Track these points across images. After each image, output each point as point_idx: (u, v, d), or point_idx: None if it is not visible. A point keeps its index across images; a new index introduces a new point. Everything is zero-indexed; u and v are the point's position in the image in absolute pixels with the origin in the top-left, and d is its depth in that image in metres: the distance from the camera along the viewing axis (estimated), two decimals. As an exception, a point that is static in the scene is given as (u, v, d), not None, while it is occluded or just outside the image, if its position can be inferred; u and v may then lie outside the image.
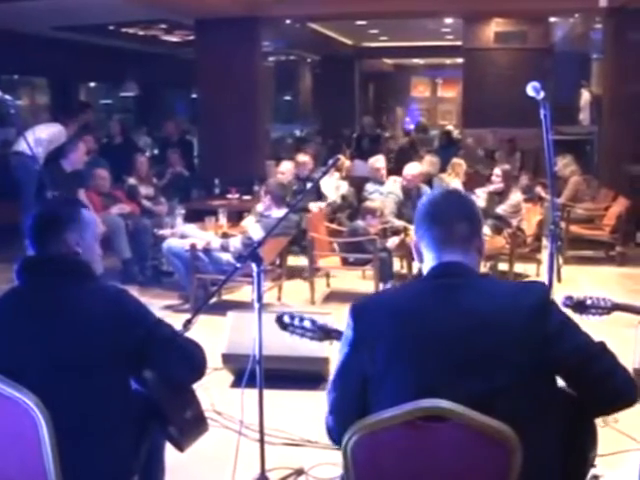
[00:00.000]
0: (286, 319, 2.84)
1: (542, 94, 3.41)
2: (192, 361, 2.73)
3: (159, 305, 6.87)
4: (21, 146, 8.34)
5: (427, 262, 2.22)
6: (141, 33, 14.14)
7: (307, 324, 2.82)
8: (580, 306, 3.02)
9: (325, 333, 2.81)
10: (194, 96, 13.98)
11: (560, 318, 2.10)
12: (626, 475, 3.58)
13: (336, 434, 2.15)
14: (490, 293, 2.10)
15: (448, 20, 14.21)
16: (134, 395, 2.65)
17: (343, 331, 2.26)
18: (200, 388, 3.86)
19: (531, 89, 3.42)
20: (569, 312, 3.03)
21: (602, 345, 2.14)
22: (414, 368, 2.01)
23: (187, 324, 3.15)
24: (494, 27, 12.88)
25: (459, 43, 13.73)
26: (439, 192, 2.41)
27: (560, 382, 2.18)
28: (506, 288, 2.19)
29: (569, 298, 3.04)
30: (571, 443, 2.20)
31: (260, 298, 3.23)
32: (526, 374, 2.00)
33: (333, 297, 7.51)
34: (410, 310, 2.09)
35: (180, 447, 2.87)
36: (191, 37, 12.62)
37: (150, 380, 2.69)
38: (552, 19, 13.15)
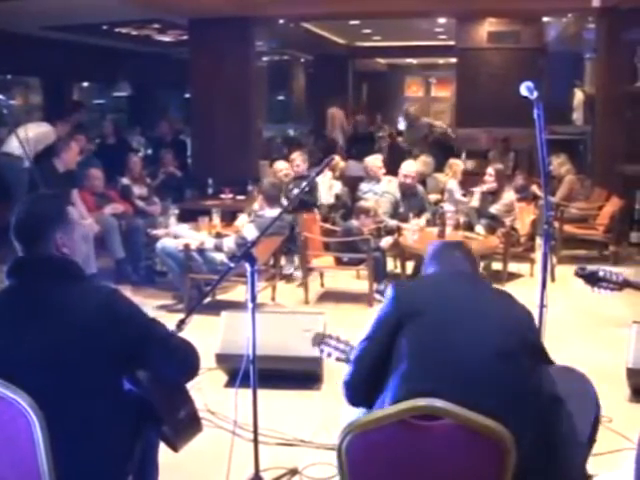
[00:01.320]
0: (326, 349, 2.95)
1: (536, 94, 3.41)
2: (185, 360, 2.73)
3: (153, 305, 6.87)
4: (10, 147, 8.35)
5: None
6: (134, 33, 14.10)
7: (341, 346, 2.89)
8: (592, 277, 2.99)
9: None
10: (187, 96, 13.94)
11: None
12: (620, 475, 3.59)
13: (354, 404, 2.37)
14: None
15: (441, 20, 14.21)
16: (128, 395, 2.64)
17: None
18: (194, 388, 3.85)
19: (525, 89, 3.42)
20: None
21: None
22: (433, 369, 2.14)
23: (180, 324, 3.14)
24: (487, 27, 12.88)
25: (452, 43, 13.71)
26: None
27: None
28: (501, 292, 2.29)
29: (582, 268, 3.01)
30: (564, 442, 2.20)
31: (254, 298, 3.23)
32: (525, 377, 2.02)
33: (327, 297, 7.50)
34: (444, 310, 2.29)
35: (174, 447, 2.87)
36: (184, 37, 12.59)
37: (143, 380, 2.69)
38: (545, 19, 13.15)
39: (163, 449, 2.96)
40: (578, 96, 14.52)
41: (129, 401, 2.62)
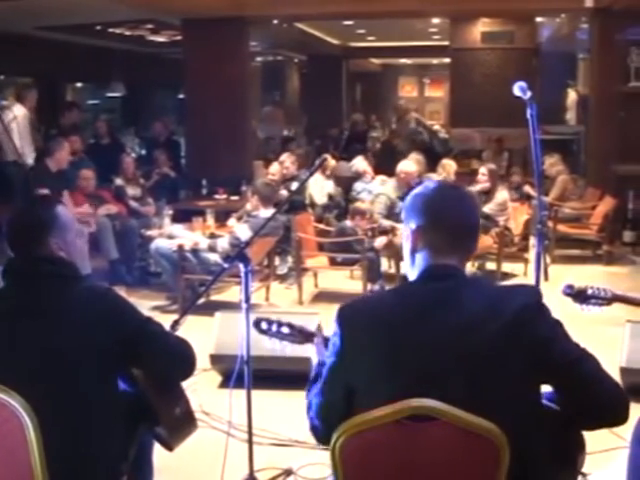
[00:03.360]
0: (263, 325, 2.82)
1: (529, 94, 3.42)
2: (182, 358, 2.73)
3: (147, 306, 6.85)
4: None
5: (419, 258, 2.16)
6: (128, 33, 14.10)
7: (285, 330, 2.79)
8: (581, 295, 3.00)
9: (305, 336, 2.79)
10: (181, 96, 13.93)
11: (550, 322, 2.07)
12: (614, 473, 3.60)
13: (323, 436, 2.14)
14: (480, 297, 2.07)
15: (435, 20, 14.24)
16: (122, 395, 2.64)
17: (322, 334, 2.23)
18: (188, 389, 3.85)
19: (518, 89, 3.43)
20: (569, 301, 3.05)
21: (585, 350, 2.10)
22: (403, 375, 1.99)
23: (175, 325, 3.14)
24: (481, 27, 12.91)
25: (446, 43, 13.75)
26: (449, 187, 2.33)
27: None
28: (497, 291, 2.15)
29: (570, 287, 3.02)
30: (559, 448, 2.19)
31: (248, 299, 3.23)
32: (516, 376, 1.99)
33: (321, 297, 7.51)
34: (399, 316, 2.04)
35: (169, 446, 2.86)
36: (178, 37, 12.60)
37: (139, 378, 2.69)
38: (538, 19, 13.18)
39: (158, 450, 2.96)
40: (571, 96, 14.57)
41: (124, 401, 2.62)
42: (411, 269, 2.20)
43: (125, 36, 14.27)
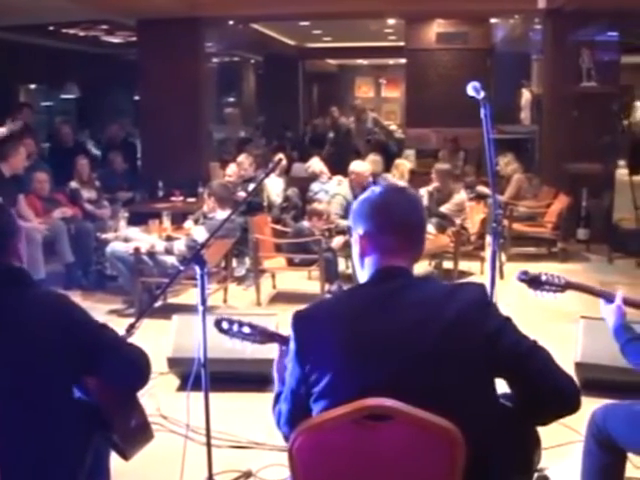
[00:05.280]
0: (224, 325, 2.81)
1: (482, 94, 3.45)
2: (137, 367, 2.69)
3: (103, 310, 6.79)
4: None
5: (368, 262, 2.20)
6: (82, 34, 13.94)
7: (246, 330, 2.78)
8: (535, 282, 3.03)
9: (266, 337, 2.78)
10: (137, 98, 13.81)
11: (498, 317, 2.11)
12: (569, 467, 3.65)
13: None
14: (428, 295, 2.10)
15: (391, 21, 14.29)
16: (78, 402, 2.61)
17: (283, 334, 2.24)
18: (146, 393, 3.81)
19: (471, 89, 3.46)
20: (524, 287, 3.08)
21: (536, 342, 2.14)
22: (358, 376, 2.00)
23: (130, 329, 3.11)
24: (436, 28, 13.00)
25: (402, 44, 13.82)
26: (394, 190, 2.34)
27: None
28: (444, 289, 2.18)
29: (524, 273, 3.05)
30: (515, 445, 2.22)
31: (204, 301, 3.21)
32: (468, 373, 2.01)
33: (279, 298, 7.50)
34: (351, 318, 2.07)
35: (125, 456, 2.83)
36: (133, 38, 12.48)
37: (93, 388, 2.65)
38: (493, 20, 13.31)
39: (115, 455, 2.93)
40: (525, 96, 14.72)
41: (79, 408, 2.58)
42: (361, 272, 2.25)
43: (79, 37, 14.11)
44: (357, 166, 8.41)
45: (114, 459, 2.95)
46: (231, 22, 12.74)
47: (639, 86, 16.64)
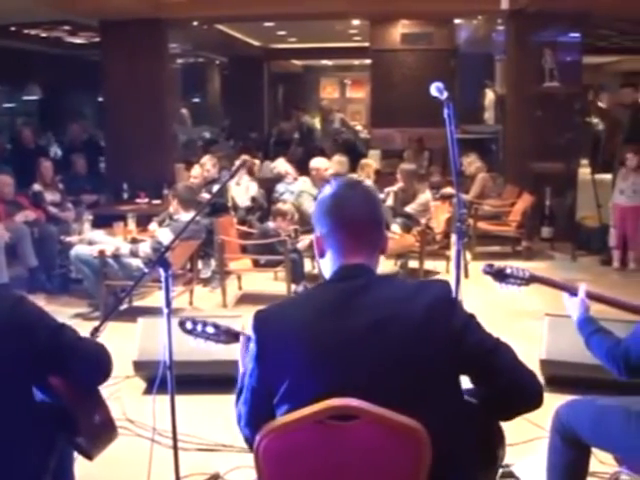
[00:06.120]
0: (188, 325, 2.79)
1: (445, 94, 3.46)
2: (98, 363, 2.69)
3: (68, 314, 6.73)
4: None
5: (328, 261, 2.19)
6: (44, 35, 13.80)
7: (210, 330, 2.77)
8: (500, 274, 3.05)
9: (230, 336, 2.78)
10: (101, 99, 13.69)
11: (462, 314, 2.11)
12: (534, 463, 3.68)
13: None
14: (391, 294, 2.09)
15: (355, 22, 14.34)
16: (40, 405, 2.58)
17: (248, 334, 2.22)
18: (112, 397, 3.78)
19: (435, 89, 3.47)
20: (490, 285, 3.09)
21: (499, 339, 2.15)
22: (321, 376, 1.99)
23: (95, 332, 3.08)
24: (400, 29, 13.05)
25: (367, 44, 13.86)
26: (345, 187, 2.26)
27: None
28: (407, 287, 2.17)
29: (490, 266, 3.07)
30: (480, 442, 2.23)
31: (169, 303, 3.18)
32: (433, 370, 2.01)
33: (245, 299, 7.49)
34: (312, 318, 2.06)
35: (89, 455, 2.81)
36: (97, 39, 12.37)
37: (57, 386, 2.63)
38: (457, 21, 13.40)
39: (82, 460, 2.90)
40: (489, 96, 14.86)
41: (42, 411, 2.56)
42: (324, 272, 2.24)
43: (42, 38, 13.96)
44: (316, 162, 8.69)
45: (80, 464, 2.92)
46: (195, 23, 12.69)
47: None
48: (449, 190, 9.79)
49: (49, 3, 9.64)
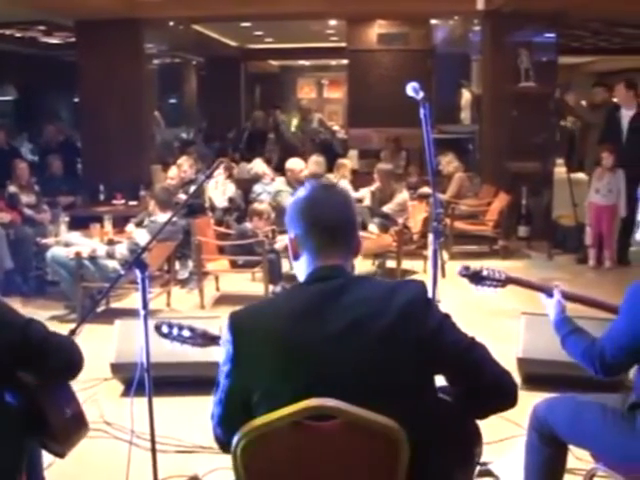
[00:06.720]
0: (164, 329, 2.78)
1: (421, 94, 3.47)
2: (68, 355, 2.69)
3: (44, 316, 6.65)
4: None
5: (303, 263, 2.19)
6: (19, 35, 13.69)
7: (186, 333, 2.76)
8: (476, 276, 3.06)
9: (207, 339, 2.77)
10: (77, 100, 13.60)
11: (437, 314, 2.11)
12: (512, 460, 3.70)
13: (227, 445, 2.11)
14: (366, 294, 2.09)
15: (332, 22, 14.34)
16: (8, 407, 2.56)
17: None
18: (89, 399, 3.76)
19: (410, 89, 3.48)
20: (466, 285, 3.10)
21: (474, 339, 2.16)
22: (298, 376, 1.99)
23: (71, 334, 3.06)
24: (377, 29, 13.06)
25: (343, 44, 13.86)
26: (319, 189, 2.27)
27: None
28: (383, 287, 2.16)
29: (466, 268, 3.08)
30: (456, 440, 2.24)
31: (145, 305, 3.17)
32: (408, 371, 2.02)
33: (223, 300, 7.47)
34: (290, 319, 2.05)
35: (60, 453, 2.78)
36: (72, 39, 12.29)
37: (27, 381, 2.61)
38: (433, 21, 13.43)
39: (59, 463, 2.88)
40: (465, 96, 14.92)
41: (11, 414, 2.54)
42: (298, 274, 2.24)
43: (16, 38, 13.84)
44: (291, 163, 8.80)
45: (57, 467, 2.90)
46: (171, 23, 12.65)
47: (575, 86, 16.98)
48: (426, 190, 9.81)
49: (24, 3, 9.56)
